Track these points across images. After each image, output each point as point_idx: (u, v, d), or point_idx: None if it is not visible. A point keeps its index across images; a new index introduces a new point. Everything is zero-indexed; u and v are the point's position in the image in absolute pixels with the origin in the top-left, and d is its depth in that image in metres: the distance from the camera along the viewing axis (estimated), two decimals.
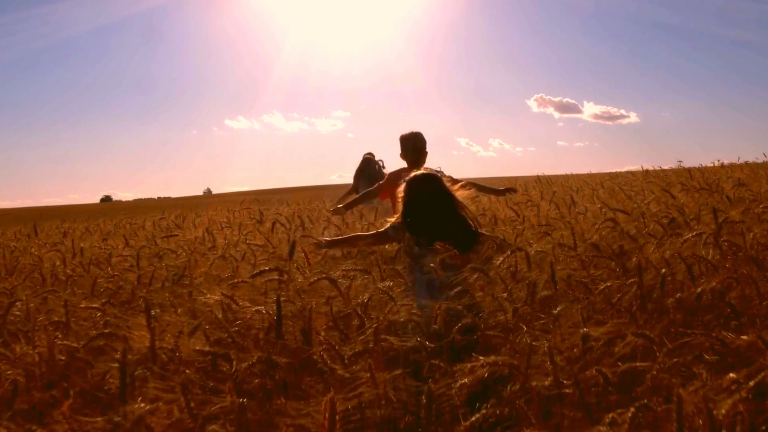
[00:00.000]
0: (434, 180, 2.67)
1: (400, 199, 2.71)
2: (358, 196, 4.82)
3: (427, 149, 4.36)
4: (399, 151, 4.39)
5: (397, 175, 4.11)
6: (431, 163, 4.42)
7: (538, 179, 7.06)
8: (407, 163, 4.38)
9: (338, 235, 3.21)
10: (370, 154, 6.14)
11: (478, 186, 3.97)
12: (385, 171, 5.92)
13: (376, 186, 4.53)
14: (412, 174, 2.76)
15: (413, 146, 4.32)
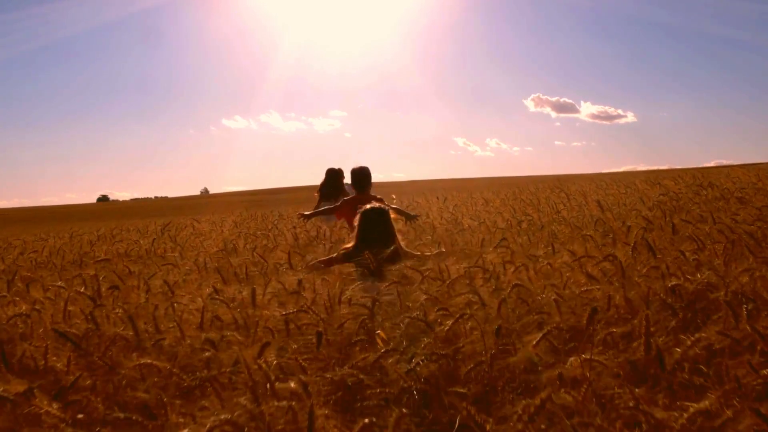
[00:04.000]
0: (379, 212, 3.70)
1: (356, 225, 3.71)
2: (321, 208, 5.84)
3: (372, 181, 5.51)
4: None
5: (350, 201, 5.26)
6: (429, 164, 5.22)
7: (567, 195, 6.21)
8: (355, 190, 5.58)
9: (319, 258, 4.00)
10: (337, 169, 6.46)
11: (397, 210, 4.97)
12: (346, 184, 6.32)
13: (333, 206, 5.59)
14: (365, 208, 3.74)
15: (357, 179, 5.50)
